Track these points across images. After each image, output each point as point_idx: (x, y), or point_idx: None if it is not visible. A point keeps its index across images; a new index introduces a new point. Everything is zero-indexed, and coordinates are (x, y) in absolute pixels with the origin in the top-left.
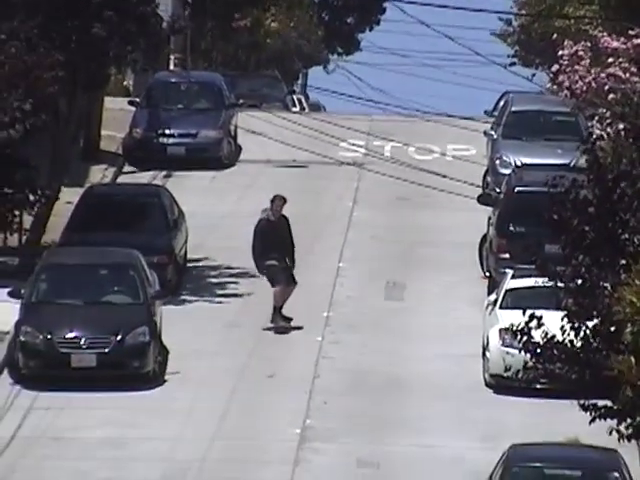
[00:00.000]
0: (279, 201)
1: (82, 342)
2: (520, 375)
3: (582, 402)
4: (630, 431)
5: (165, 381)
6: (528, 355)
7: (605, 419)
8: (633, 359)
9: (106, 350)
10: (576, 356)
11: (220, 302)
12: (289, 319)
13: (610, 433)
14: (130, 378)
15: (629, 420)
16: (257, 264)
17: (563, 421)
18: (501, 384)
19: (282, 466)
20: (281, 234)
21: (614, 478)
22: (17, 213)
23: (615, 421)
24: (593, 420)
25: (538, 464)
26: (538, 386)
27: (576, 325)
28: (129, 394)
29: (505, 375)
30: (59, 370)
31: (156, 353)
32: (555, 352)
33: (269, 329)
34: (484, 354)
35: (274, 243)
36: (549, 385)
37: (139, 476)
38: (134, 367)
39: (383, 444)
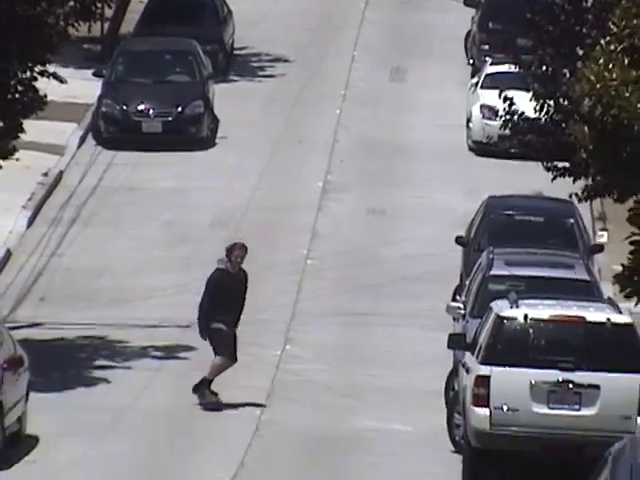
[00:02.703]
0: (239, 250)
1: (151, 112)
2: (497, 144)
3: (546, 164)
4: (585, 194)
5: (216, 144)
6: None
7: (564, 177)
8: (586, 127)
9: (169, 119)
10: (542, 127)
11: (260, 81)
12: (216, 393)
13: (570, 196)
14: (188, 141)
15: (583, 182)
16: (201, 323)
17: (531, 179)
18: (481, 149)
19: (308, 212)
20: (237, 291)
21: (570, 223)
22: (99, 5)
23: (571, 180)
24: (554, 178)
25: (510, 212)
26: (512, 150)
27: (542, 103)
28: (188, 154)
29: (484, 141)
30: (132, 134)
31: (209, 122)
32: (525, 125)
33: (200, 404)
34: (467, 125)
35: (227, 301)
36: (520, 150)
37: (195, 219)
38: (192, 132)
39: (388, 196)
